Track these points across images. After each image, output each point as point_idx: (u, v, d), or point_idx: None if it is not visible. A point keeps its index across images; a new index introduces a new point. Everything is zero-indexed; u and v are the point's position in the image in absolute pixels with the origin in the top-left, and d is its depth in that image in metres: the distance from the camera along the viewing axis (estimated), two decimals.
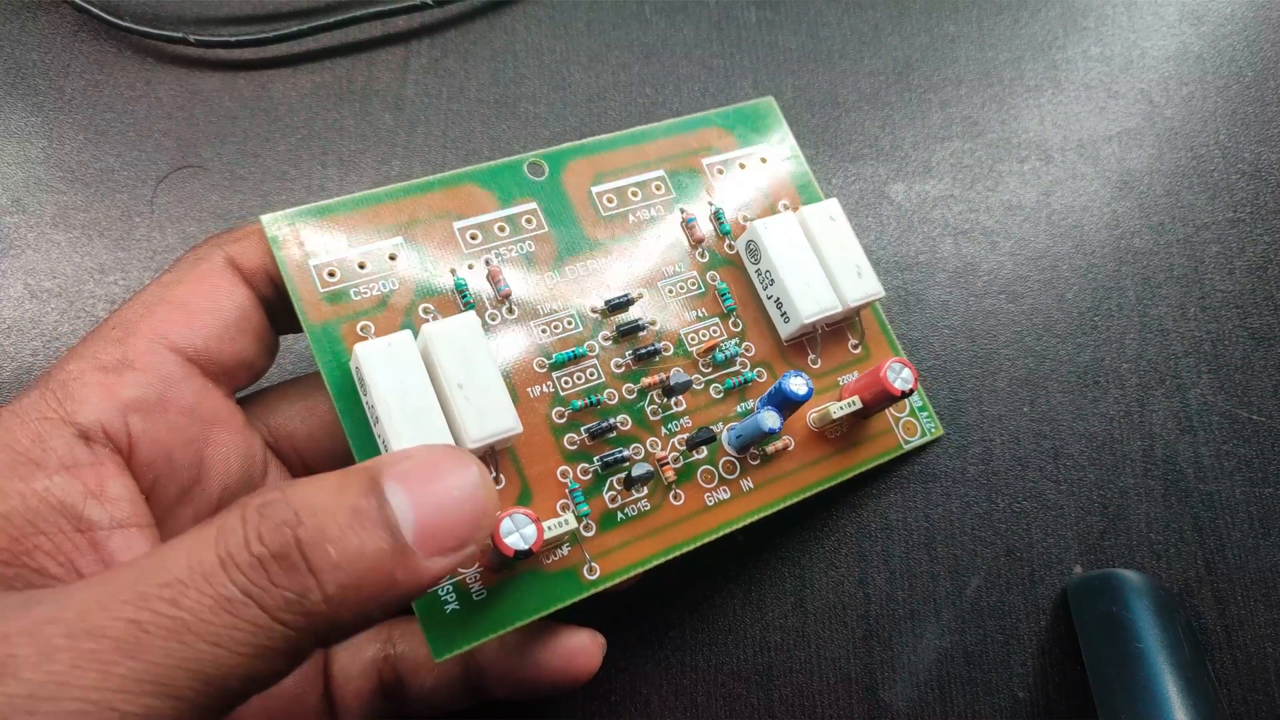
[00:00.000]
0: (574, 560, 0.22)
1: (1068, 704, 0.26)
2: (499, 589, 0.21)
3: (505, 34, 0.31)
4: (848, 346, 0.27)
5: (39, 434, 0.18)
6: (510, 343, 0.23)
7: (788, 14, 0.32)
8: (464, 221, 0.24)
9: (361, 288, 0.22)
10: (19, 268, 0.28)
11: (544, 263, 0.24)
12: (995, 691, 0.26)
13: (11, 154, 0.29)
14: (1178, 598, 0.27)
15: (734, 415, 0.25)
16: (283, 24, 0.30)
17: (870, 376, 0.25)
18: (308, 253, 0.22)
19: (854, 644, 0.26)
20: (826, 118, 0.31)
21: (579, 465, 0.23)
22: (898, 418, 0.27)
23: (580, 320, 0.24)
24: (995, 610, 0.26)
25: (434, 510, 0.17)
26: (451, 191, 0.24)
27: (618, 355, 0.24)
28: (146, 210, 0.29)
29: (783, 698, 0.26)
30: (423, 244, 0.23)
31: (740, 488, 0.24)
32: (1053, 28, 0.33)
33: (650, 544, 0.23)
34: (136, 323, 0.20)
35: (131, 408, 0.19)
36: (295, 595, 0.16)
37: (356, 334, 0.22)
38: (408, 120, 0.30)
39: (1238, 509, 0.27)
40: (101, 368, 0.19)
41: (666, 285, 0.25)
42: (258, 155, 0.30)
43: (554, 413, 0.23)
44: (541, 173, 0.25)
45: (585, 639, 0.23)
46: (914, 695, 0.26)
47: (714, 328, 0.25)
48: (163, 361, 0.20)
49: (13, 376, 0.27)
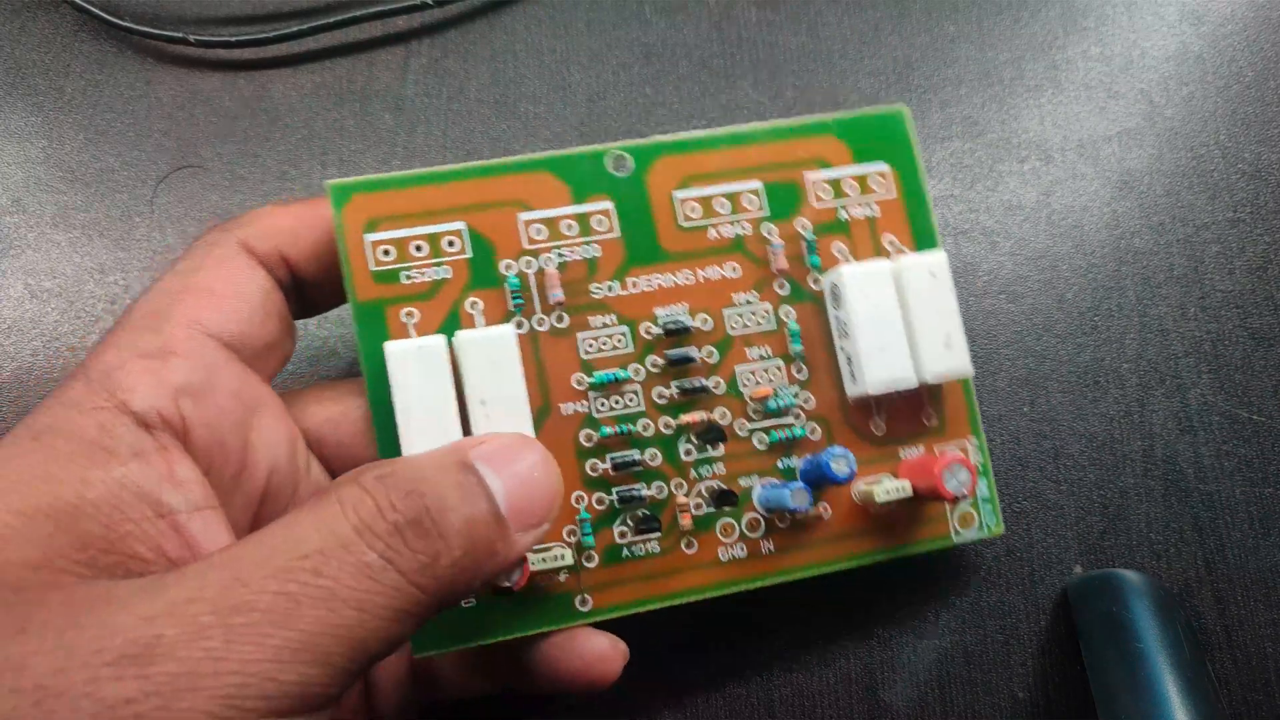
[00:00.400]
0: (570, 587, 0.22)
1: (1068, 704, 0.26)
2: (490, 600, 0.21)
3: (505, 34, 0.31)
4: (922, 416, 0.24)
5: (102, 423, 0.18)
6: (554, 353, 0.22)
7: (788, 14, 0.32)
8: (531, 214, 0.22)
9: (413, 272, 0.22)
10: (19, 268, 0.28)
11: (606, 270, 0.23)
12: (995, 691, 0.26)
13: (11, 154, 0.29)
14: (1178, 598, 0.27)
15: (772, 470, 0.23)
16: (283, 24, 0.30)
17: (925, 467, 0.22)
18: (366, 225, 0.21)
19: (854, 644, 0.26)
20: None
21: (595, 494, 0.22)
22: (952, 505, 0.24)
23: (631, 339, 0.22)
24: (995, 610, 0.26)
25: (520, 487, 0.18)
26: (525, 178, 0.22)
27: (662, 385, 0.22)
28: (146, 210, 0.29)
29: (783, 698, 0.26)
30: (484, 233, 0.22)
31: (760, 549, 0.23)
32: (1053, 28, 0.33)
33: (650, 588, 0.22)
34: (169, 310, 0.20)
35: (182, 393, 0.19)
36: (428, 559, 0.17)
37: (400, 320, 0.21)
38: (408, 120, 0.30)
39: (1238, 509, 0.27)
40: (144, 355, 0.19)
41: (733, 314, 0.23)
42: (258, 155, 0.30)
43: (583, 435, 0.22)
44: (625, 168, 0.23)
45: (606, 645, 0.22)
46: (914, 695, 0.26)
47: (775, 371, 0.23)
48: (202, 347, 0.20)
49: (13, 376, 0.27)
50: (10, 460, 0.18)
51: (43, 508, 0.17)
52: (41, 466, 0.17)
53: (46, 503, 0.17)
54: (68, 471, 0.17)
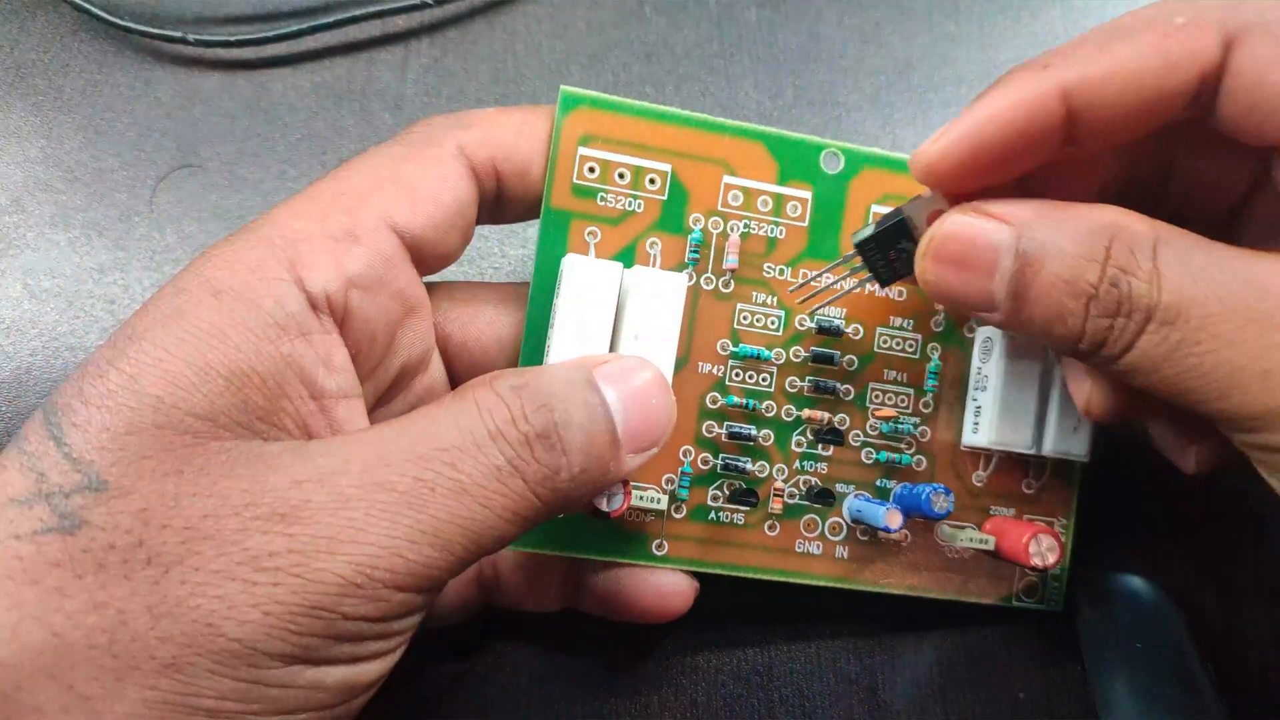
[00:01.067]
0: (653, 530, 0.23)
1: (1068, 704, 0.26)
2: (575, 515, 0.22)
3: (505, 34, 0.31)
4: (1023, 483, 0.25)
5: (279, 296, 0.19)
6: (710, 313, 0.23)
7: (788, 14, 0.32)
8: (734, 179, 0.23)
9: (609, 196, 0.23)
10: (18, 268, 0.28)
11: (784, 254, 0.23)
12: (995, 692, 0.26)
13: (11, 154, 0.29)
14: (1178, 598, 0.27)
15: (869, 486, 0.24)
16: (282, 23, 0.30)
17: (1015, 532, 0.23)
18: (582, 137, 0.22)
19: (854, 644, 0.26)
20: (827, 118, 0.31)
21: (702, 453, 0.23)
22: (1025, 574, 0.25)
23: (783, 324, 0.23)
24: (996, 611, 0.26)
25: (638, 412, 0.19)
26: (740, 143, 0.23)
27: (797, 376, 0.23)
28: (146, 210, 0.29)
29: (783, 698, 0.26)
30: (686, 181, 0.23)
31: (834, 551, 0.24)
32: (1054, 27, 0.32)
33: (723, 553, 0.23)
34: (366, 195, 0.20)
35: (353, 283, 0.20)
36: (550, 471, 0.18)
37: (582, 237, 0.22)
38: (407, 120, 0.30)
39: (1238, 509, 0.27)
40: (330, 235, 0.20)
41: (884, 333, 0.24)
42: (257, 155, 0.30)
43: (709, 396, 0.23)
44: (836, 165, 0.24)
45: (682, 581, 0.23)
46: (914, 695, 0.26)
47: (904, 397, 0.24)
48: (385, 241, 0.20)
49: (12, 376, 0.27)
50: (189, 311, 0.18)
51: (216, 365, 0.18)
52: (220, 325, 0.18)
53: (221, 361, 0.18)
54: (243, 338, 0.18)
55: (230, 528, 0.16)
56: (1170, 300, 0.18)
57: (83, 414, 0.17)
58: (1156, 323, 0.18)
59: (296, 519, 0.16)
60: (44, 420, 0.17)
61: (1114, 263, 0.18)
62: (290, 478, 0.17)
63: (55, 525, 0.16)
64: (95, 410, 0.17)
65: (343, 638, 0.17)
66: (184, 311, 0.18)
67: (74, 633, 0.15)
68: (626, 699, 0.25)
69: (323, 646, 0.16)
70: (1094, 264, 0.18)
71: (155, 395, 0.17)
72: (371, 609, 0.17)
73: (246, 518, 0.16)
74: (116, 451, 0.17)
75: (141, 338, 0.18)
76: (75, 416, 0.17)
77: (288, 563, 0.16)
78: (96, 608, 0.16)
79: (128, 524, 0.16)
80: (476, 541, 0.17)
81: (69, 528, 0.16)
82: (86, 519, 0.16)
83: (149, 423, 0.17)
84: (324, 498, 0.17)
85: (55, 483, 0.16)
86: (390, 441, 0.18)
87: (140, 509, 0.16)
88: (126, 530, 0.16)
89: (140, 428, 0.17)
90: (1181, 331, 0.18)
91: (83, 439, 0.17)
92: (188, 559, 0.16)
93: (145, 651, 0.16)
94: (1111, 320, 0.18)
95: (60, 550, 0.16)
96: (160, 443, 0.17)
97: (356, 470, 0.17)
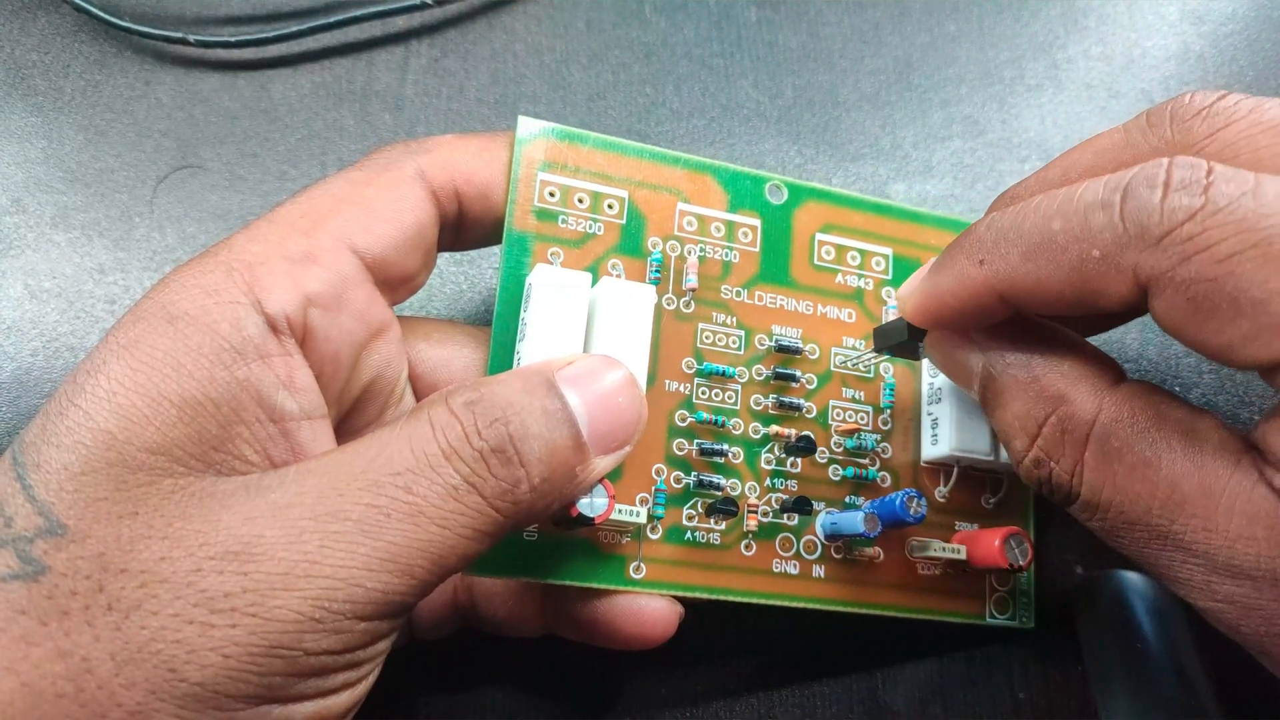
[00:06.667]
0: (628, 552, 0.22)
1: (1068, 704, 0.26)
2: (549, 540, 0.22)
3: (505, 34, 0.31)
4: (982, 499, 0.25)
5: (235, 320, 0.18)
6: (674, 332, 0.24)
7: (788, 14, 0.32)
8: (688, 206, 0.24)
9: (570, 219, 0.23)
10: (18, 268, 0.28)
11: (739, 277, 0.24)
12: (995, 692, 0.26)
13: (11, 154, 0.29)
14: (1178, 598, 0.27)
15: (839, 503, 0.24)
16: (282, 24, 0.30)
17: (985, 537, 0.23)
18: (542, 164, 0.23)
19: (854, 644, 0.26)
20: (827, 117, 0.31)
21: (674, 472, 0.23)
22: (995, 589, 0.25)
23: (745, 344, 0.24)
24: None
25: (603, 412, 0.19)
26: (691, 175, 0.25)
27: (761, 393, 0.24)
28: (146, 210, 0.29)
29: (783, 698, 0.26)
30: (643, 207, 0.24)
31: (810, 571, 0.24)
32: (1054, 27, 0.32)
33: (700, 576, 0.23)
34: (324, 217, 0.20)
35: (313, 302, 0.19)
36: (509, 485, 0.18)
37: (545, 257, 0.23)
38: (408, 120, 0.30)
39: None
40: (287, 257, 0.19)
41: (839, 354, 0.25)
42: (257, 155, 0.30)
43: (678, 414, 0.23)
44: (780, 197, 0.25)
45: (664, 606, 0.23)
46: (914, 696, 0.26)
47: (863, 415, 0.25)
48: (344, 261, 0.20)
49: (12, 377, 0.27)
50: (144, 339, 0.18)
51: (169, 395, 0.17)
52: (173, 354, 0.18)
53: (173, 391, 0.17)
54: (196, 364, 0.18)
55: (184, 569, 0.16)
56: (1087, 498, 0.19)
57: (44, 454, 0.17)
58: (1078, 506, 0.19)
59: (251, 556, 0.16)
60: (12, 461, 0.17)
61: (1040, 445, 0.19)
62: (243, 514, 0.16)
63: (19, 571, 0.16)
64: (54, 449, 0.17)
65: (307, 673, 0.16)
66: (139, 341, 0.18)
67: (41, 682, 0.15)
68: (626, 699, 0.25)
69: (288, 684, 0.16)
70: (1024, 435, 0.19)
71: (108, 431, 0.17)
72: (334, 642, 0.16)
73: (201, 558, 0.16)
74: (73, 494, 0.16)
75: (98, 371, 0.17)
76: (39, 456, 0.17)
77: (244, 602, 0.16)
78: (62, 655, 0.15)
79: (87, 569, 0.16)
80: (438, 563, 0.17)
81: (32, 574, 0.16)
82: (49, 564, 0.16)
83: (103, 461, 0.17)
84: (277, 532, 0.16)
85: (20, 527, 0.16)
86: (344, 467, 0.17)
87: (98, 553, 0.16)
88: (86, 576, 0.16)
89: (95, 466, 0.17)
90: (1101, 522, 0.19)
91: (43, 481, 0.17)
92: (145, 603, 0.16)
93: (111, 699, 0.15)
94: (1046, 484, 0.20)
95: (25, 598, 0.16)
96: (113, 481, 0.17)
97: (310, 501, 0.17)
